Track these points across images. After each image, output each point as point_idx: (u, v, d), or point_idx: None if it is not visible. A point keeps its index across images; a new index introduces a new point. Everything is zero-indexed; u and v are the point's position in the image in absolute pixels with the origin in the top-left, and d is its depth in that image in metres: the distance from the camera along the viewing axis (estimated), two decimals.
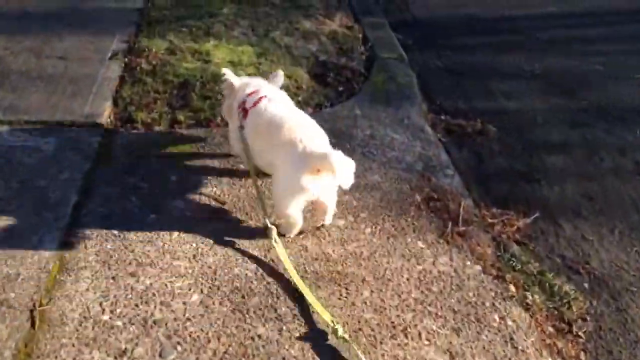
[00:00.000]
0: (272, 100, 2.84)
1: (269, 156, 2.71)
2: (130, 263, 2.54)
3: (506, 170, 3.71)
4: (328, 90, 4.14)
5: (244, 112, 2.87)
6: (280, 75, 3.14)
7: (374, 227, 2.94)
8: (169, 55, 4.23)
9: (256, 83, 3.01)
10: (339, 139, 3.54)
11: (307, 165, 2.49)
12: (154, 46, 4.32)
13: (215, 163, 3.27)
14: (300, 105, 3.76)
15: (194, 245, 2.69)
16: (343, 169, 2.43)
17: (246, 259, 2.65)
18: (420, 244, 2.87)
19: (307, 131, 2.62)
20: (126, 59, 4.13)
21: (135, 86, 3.87)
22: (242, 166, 3.24)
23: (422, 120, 3.95)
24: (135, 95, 3.78)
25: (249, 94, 2.89)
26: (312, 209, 2.80)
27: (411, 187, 3.28)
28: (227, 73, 3.09)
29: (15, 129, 3.30)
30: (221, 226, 2.83)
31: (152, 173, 3.14)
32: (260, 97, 2.84)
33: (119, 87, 3.82)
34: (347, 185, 2.50)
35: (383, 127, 3.78)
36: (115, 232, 2.71)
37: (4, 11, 4.71)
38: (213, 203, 2.98)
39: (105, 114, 3.52)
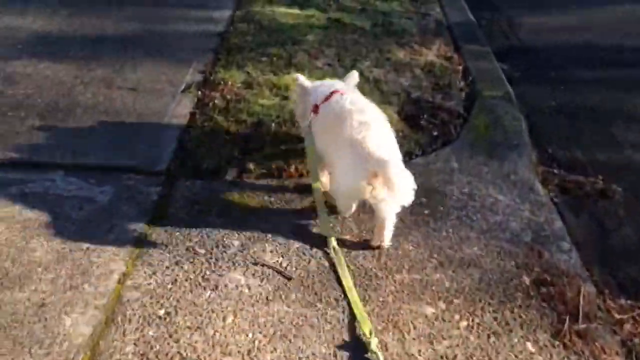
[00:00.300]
0: (344, 94, 2.74)
1: (332, 153, 2.62)
2: (172, 358, 2.10)
3: (636, 245, 2.98)
4: (420, 135, 3.58)
5: (315, 109, 2.80)
6: (355, 76, 3.07)
7: (470, 319, 2.39)
8: (245, 89, 3.85)
9: (329, 83, 2.96)
10: (430, 198, 2.99)
11: (365, 167, 2.40)
12: (231, 78, 3.95)
13: (285, 224, 2.80)
14: None
15: (250, 335, 2.24)
16: (400, 183, 2.35)
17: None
18: (529, 346, 2.31)
19: (374, 131, 2.50)
20: (199, 93, 3.76)
21: (205, 125, 3.49)
22: (315, 229, 2.75)
23: (531, 176, 3.31)
24: (204, 136, 3.40)
25: (322, 92, 2.82)
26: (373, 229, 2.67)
27: (518, 264, 2.69)
28: (299, 77, 3.07)
29: (71, 174, 2.98)
30: (284, 309, 2.35)
31: (212, 235, 2.73)
32: (333, 92, 2.77)
33: (187, 126, 3.45)
34: (405, 202, 2.44)
35: (484, 185, 3.18)
36: (161, 313, 2.30)
37: (80, 34, 4.50)
38: (278, 277, 2.51)
39: (169, 158, 3.15)
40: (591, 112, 4.20)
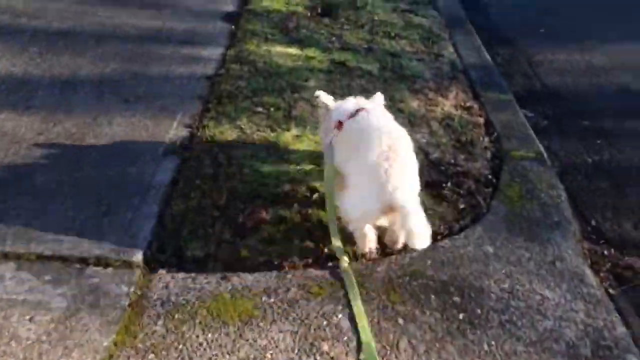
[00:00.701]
0: (372, 112, 2.66)
1: (352, 171, 2.49)
2: None
3: None
4: (444, 209, 3.02)
5: (339, 125, 2.67)
6: (380, 97, 2.94)
7: None
8: (238, 149, 3.27)
9: (354, 100, 2.83)
10: (464, 297, 2.46)
11: (381, 201, 2.33)
12: (221, 135, 3.40)
13: (286, 339, 2.21)
14: None
15: None
16: (416, 231, 2.30)
17: None
18: None
19: (398, 161, 2.37)
20: (185, 153, 3.17)
21: (191, 197, 2.92)
22: (325, 346, 2.17)
23: (580, 262, 2.77)
24: (189, 211, 2.82)
25: (346, 109, 2.72)
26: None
27: None
28: (321, 94, 2.95)
29: (24, 268, 2.37)
30: None
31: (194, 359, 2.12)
32: (360, 109, 2.68)
33: (169, 199, 2.86)
34: (420, 246, 2.39)
35: (527, 277, 2.63)
36: None
37: (49, 77, 3.90)
38: None
39: (146, 243, 2.56)
40: (636, 172, 3.66)
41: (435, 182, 3.19)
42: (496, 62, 5.20)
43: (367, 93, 3.79)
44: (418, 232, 2.30)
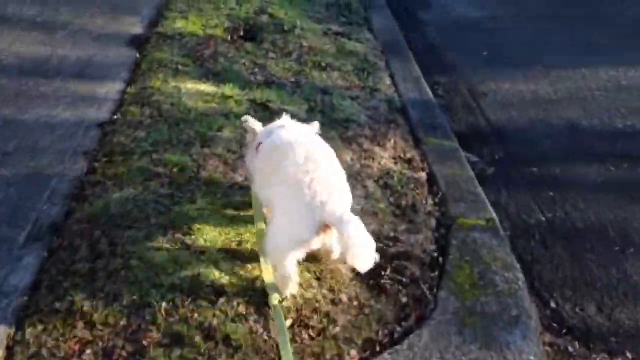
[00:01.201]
0: (290, 129, 2.43)
1: (272, 195, 2.23)
2: None
3: None
4: (383, 305, 2.48)
5: (258, 146, 2.44)
6: (315, 126, 2.62)
7: None
8: (126, 228, 2.61)
9: (279, 121, 2.56)
10: None
11: (313, 221, 2.05)
12: (105, 210, 2.67)
13: None
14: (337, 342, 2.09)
15: None
16: (358, 246, 1.96)
17: None
18: None
19: (320, 172, 2.11)
20: (54, 242, 2.45)
21: (54, 312, 2.18)
22: None
23: None
24: (48, 333, 2.09)
25: (268, 130, 2.48)
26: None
27: None
28: (248, 119, 2.65)
29: None
30: None
31: None
32: (279, 127, 2.44)
33: (24, 316, 2.13)
34: (362, 268, 2.03)
35: None
36: None
37: None
38: None
39: None
40: (595, 235, 3.25)
41: (372, 270, 2.58)
42: (436, 93, 4.72)
43: None
44: (359, 250, 1.98)
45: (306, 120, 3.47)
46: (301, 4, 5.43)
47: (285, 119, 2.56)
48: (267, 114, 3.65)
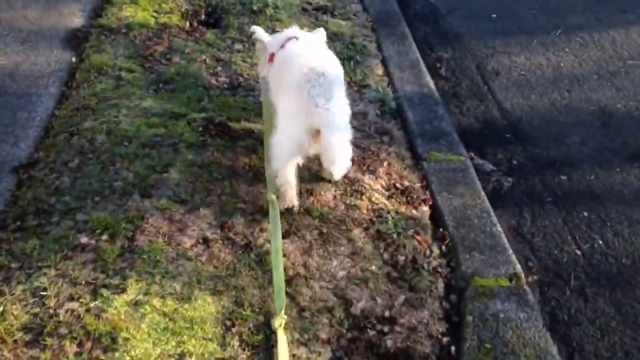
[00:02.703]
0: (301, 41, 2.56)
1: (279, 101, 2.45)
2: None
3: None
4: None
5: (271, 57, 2.58)
6: (321, 32, 2.74)
7: None
8: (30, 346, 1.90)
9: (291, 31, 2.66)
10: None
11: (305, 123, 2.26)
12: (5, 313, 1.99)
13: None
14: None
15: None
16: (335, 153, 2.29)
17: None
18: None
19: (321, 82, 2.24)
20: None
21: None
22: None
23: None
24: None
25: (278, 41, 2.61)
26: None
27: None
28: (256, 30, 2.80)
29: None
30: None
31: None
32: (290, 38, 2.57)
33: None
34: (336, 175, 2.52)
35: None
36: None
37: None
38: None
39: None
40: None
41: None
42: (439, 74, 3.93)
43: (255, 183, 2.48)
44: (336, 156, 2.30)
45: None
46: None
47: (294, 29, 2.69)
48: (226, 139, 2.89)
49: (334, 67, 2.40)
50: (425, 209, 2.69)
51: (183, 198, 2.52)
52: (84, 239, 2.32)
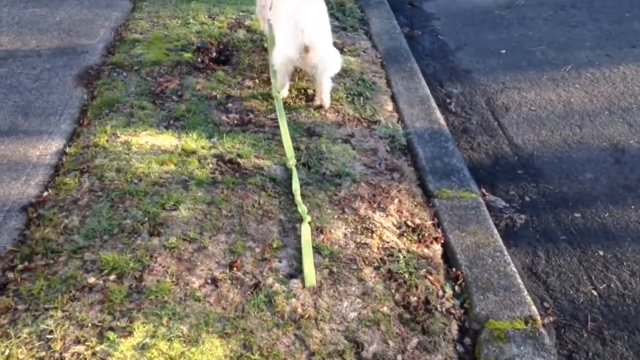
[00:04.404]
0: None
1: (277, 31, 3.30)
2: None
3: None
4: None
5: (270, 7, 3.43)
6: None
7: None
8: None
9: None
10: None
11: (296, 43, 3.10)
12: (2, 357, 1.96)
13: None
14: None
15: None
16: (325, 57, 3.22)
17: None
18: None
19: (310, 16, 3.15)
20: None
21: None
22: None
23: None
24: None
25: None
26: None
27: None
28: None
29: None
30: None
31: None
32: None
33: None
34: (329, 73, 3.35)
35: None
36: None
37: None
38: None
39: None
40: None
41: None
42: (449, 109, 3.93)
43: (268, 220, 2.45)
44: (331, 60, 3.31)
45: (287, 185, 2.72)
46: None
47: None
48: (236, 176, 2.89)
49: (319, 10, 3.30)
50: (437, 247, 2.64)
51: (192, 237, 2.49)
52: (91, 279, 2.28)
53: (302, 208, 2.64)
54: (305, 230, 2.51)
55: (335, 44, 4.19)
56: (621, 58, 4.45)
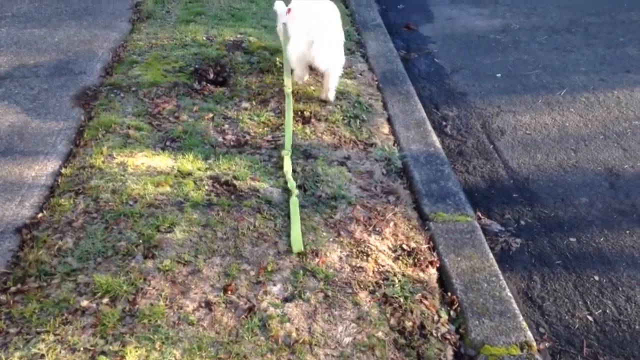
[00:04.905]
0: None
1: (293, 32, 3.75)
2: None
3: None
4: None
5: (289, 11, 3.90)
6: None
7: None
8: None
9: None
10: None
11: (307, 39, 3.55)
12: None
13: None
14: None
15: None
16: (321, 52, 3.56)
17: None
18: None
19: (319, 18, 3.61)
20: None
21: None
22: None
23: None
24: None
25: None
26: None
27: None
28: (278, 4, 4.16)
29: None
30: None
31: None
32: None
33: None
34: (323, 64, 3.65)
35: None
36: None
37: None
38: None
39: None
40: None
41: None
42: (445, 132, 3.94)
43: (263, 243, 2.44)
44: (322, 54, 3.62)
45: (282, 207, 2.72)
46: None
47: None
48: (232, 198, 2.89)
49: (323, 12, 3.67)
50: (433, 271, 2.63)
51: (186, 259, 2.49)
52: (84, 303, 2.27)
53: (292, 184, 2.94)
54: (294, 203, 2.80)
55: None
56: (615, 83, 4.49)
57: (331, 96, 3.81)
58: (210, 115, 3.63)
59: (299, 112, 3.70)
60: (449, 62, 4.94)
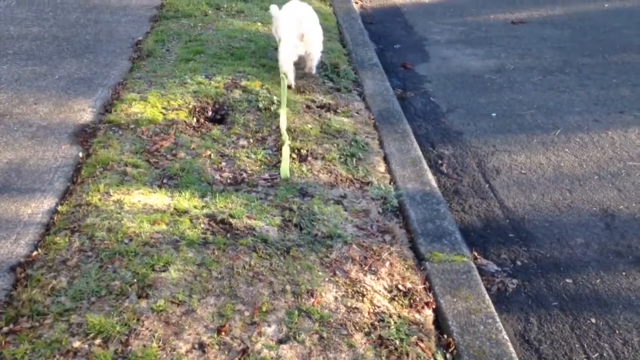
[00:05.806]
0: (298, 4, 4.65)
1: (282, 32, 4.39)
2: None
3: None
4: None
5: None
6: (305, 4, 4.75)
7: None
8: None
9: (292, 2, 4.70)
10: None
11: (297, 30, 4.40)
12: None
13: None
14: None
15: None
16: (310, 42, 4.55)
17: None
18: None
19: (307, 16, 4.56)
20: None
21: None
22: None
23: None
24: None
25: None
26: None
27: None
28: (273, 8, 4.57)
29: None
30: None
31: None
32: (289, 6, 4.60)
33: None
34: (313, 52, 4.66)
35: None
36: None
37: None
38: None
39: None
40: None
41: None
42: (441, 170, 3.96)
43: (260, 284, 2.41)
44: (311, 38, 4.60)
45: (278, 247, 2.72)
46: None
47: (294, 1, 4.66)
48: (227, 236, 2.89)
49: (310, 16, 4.60)
50: (429, 312, 2.62)
51: (181, 299, 2.47)
52: (76, 344, 2.25)
53: (285, 136, 3.73)
54: (285, 150, 3.54)
55: (329, 105, 4.29)
56: (609, 123, 4.55)
57: (313, 70, 4.83)
58: (208, 152, 3.65)
59: (296, 150, 3.72)
60: (444, 101, 5.00)
